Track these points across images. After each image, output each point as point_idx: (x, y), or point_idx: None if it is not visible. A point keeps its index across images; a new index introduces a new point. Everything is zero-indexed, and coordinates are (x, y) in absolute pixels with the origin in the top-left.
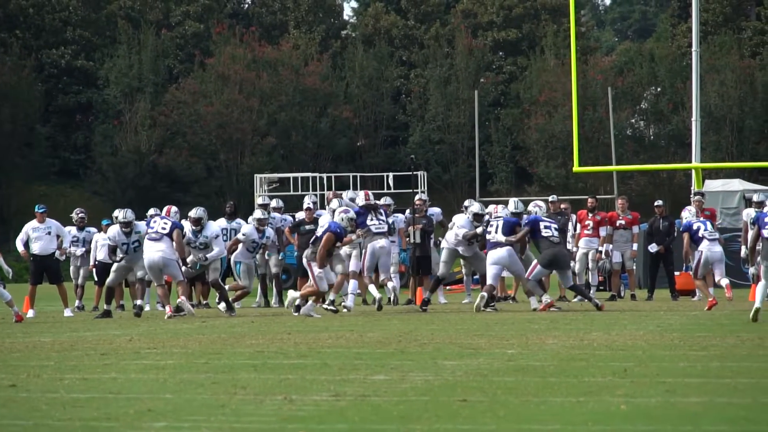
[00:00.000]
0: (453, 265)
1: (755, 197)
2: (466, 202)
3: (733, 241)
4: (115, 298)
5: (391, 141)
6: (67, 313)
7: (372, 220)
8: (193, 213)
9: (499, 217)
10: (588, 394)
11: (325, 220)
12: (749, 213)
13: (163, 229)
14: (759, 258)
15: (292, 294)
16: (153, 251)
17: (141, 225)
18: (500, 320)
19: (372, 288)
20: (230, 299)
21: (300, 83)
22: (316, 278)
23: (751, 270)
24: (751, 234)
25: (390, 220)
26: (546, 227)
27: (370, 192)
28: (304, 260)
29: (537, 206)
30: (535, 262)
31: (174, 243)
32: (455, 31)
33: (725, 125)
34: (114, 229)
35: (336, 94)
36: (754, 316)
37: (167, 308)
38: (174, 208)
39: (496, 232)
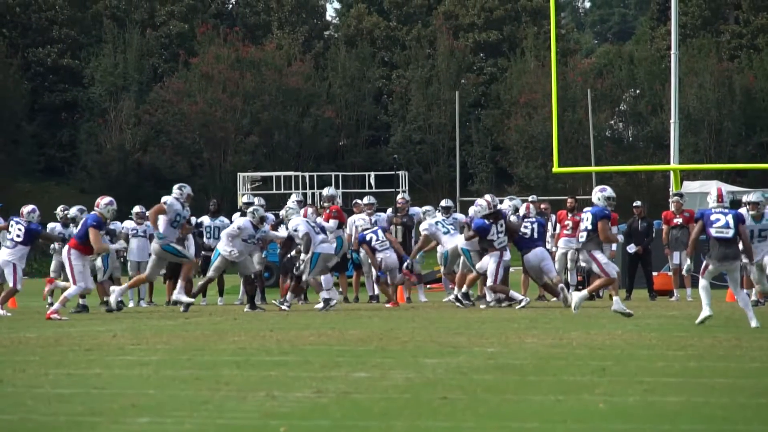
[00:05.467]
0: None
1: (751, 197)
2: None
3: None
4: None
5: (373, 141)
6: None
7: (493, 234)
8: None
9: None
10: (567, 393)
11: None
12: None
13: (18, 237)
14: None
15: (578, 295)
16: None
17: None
18: (480, 318)
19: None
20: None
21: (283, 83)
22: (603, 268)
23: (687, 263)
24: (696, 229)
25: (372, 219)
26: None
27: (492, 199)
28: (586, 254)
29: (479, 205)
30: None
31: (29, 248)
32: (437, 32)
33: (703, 127)
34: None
35: (318, 94)
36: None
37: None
38: (28, 208)
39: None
